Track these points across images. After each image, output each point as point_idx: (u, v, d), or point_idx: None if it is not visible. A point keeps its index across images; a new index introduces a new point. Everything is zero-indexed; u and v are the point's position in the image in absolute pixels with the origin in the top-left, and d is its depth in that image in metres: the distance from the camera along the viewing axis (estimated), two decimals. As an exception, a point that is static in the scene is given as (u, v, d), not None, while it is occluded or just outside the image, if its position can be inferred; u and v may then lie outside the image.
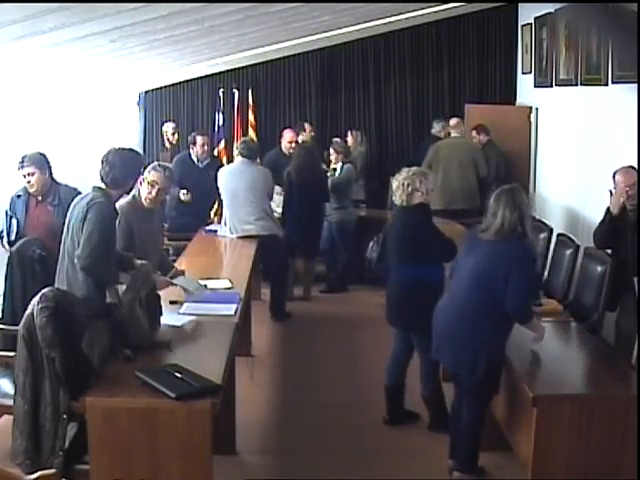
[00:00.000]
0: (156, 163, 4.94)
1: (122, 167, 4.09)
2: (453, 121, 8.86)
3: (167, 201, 6.98)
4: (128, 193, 4.53)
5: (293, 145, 8.11)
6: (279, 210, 7.60)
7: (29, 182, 5.27)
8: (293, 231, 7.47)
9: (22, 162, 5.26)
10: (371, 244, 5.47)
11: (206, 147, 7.77)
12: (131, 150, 4.33)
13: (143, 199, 4.75)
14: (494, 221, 3.98)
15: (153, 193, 4.72)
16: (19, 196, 5.39)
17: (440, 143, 8.74)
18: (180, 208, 7.50)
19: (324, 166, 8.00)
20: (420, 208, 4.69)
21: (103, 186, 4.08)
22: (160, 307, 4.17)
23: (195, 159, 7.70)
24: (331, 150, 8.15)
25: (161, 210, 5.21)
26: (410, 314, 4.71)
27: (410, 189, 4.64)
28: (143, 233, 4.70)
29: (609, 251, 5.16)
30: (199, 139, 7.72)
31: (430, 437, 4.75)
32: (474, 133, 8.74)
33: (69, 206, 4.18)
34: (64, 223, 4.14)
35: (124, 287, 3.92)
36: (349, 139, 9.11)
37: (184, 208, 7.47)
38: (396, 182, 4.67)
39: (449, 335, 4.14)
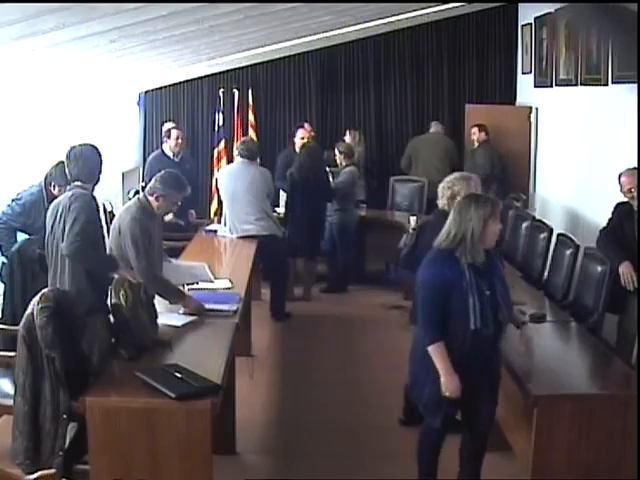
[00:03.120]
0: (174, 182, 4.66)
1: (90, 161, 4.29)
2: (433, 125, 9.29)
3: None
4: (94, 187, 4.42)
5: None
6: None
7: None
8: (295, 231, 7.46)
9: None
10: (405, 236, 5.55)
11: (180, 140, 7.55)
12: (90, 145, 4.40)
13: (155, 209, 4.57)
14: None
15: (168, 209, 4.74)
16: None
17: (417, 138, 9.20)
18: None
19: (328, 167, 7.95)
20: None
21: (78, 183, 4.24)
22: (155, 309, 4.17)
23: (170, 154, 7.50)
24: (335, 151, 8.13)
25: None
26: None
27: (450, 193, 4.62)
28: (155, 238, 4.61)
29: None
30: (174, 132, 7.55)
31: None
32: (475, 129, 8.77)
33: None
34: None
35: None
36: (347, 139, 9.10)
37: None
38: (440, 186, 4.67)
39: None
